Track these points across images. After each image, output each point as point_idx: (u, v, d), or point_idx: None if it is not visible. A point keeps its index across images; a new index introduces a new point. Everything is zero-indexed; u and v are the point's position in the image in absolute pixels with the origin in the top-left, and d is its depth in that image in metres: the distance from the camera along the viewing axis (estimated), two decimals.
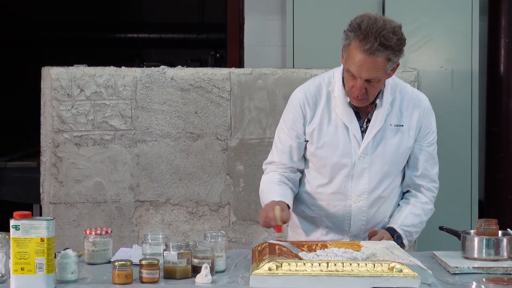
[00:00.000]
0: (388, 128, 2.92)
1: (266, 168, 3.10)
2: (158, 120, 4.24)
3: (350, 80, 2.79)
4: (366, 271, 2.30)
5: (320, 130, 2.93)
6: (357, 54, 2.70)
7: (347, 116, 2.90)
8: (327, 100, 2.94)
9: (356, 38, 2.70)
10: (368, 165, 2.92)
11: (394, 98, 2.94)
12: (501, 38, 5.09)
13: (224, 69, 4.34)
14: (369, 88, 2.77)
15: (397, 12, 4.90)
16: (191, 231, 4.26)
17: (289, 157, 2.99)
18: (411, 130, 2.95)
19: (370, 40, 2.66)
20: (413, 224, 2.99)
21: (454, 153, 4.81)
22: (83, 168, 4.22)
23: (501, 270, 2.59)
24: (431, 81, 4.86)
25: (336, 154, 2.91)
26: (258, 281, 2.31)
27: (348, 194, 2.95)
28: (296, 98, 2.98)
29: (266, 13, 5.46)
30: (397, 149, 2.94)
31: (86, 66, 4.28)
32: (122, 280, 2.39)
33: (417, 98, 3.00)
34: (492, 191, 5.15)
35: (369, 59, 2.69)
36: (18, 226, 2.29)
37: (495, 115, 5.13)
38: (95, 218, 4.22)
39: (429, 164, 3.02)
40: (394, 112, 2.93)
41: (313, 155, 2.97)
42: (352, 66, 2.74)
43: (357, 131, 2.91)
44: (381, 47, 2.68)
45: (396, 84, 2.98)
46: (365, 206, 2.95)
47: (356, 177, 2.93)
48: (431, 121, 3.01)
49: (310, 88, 2.98)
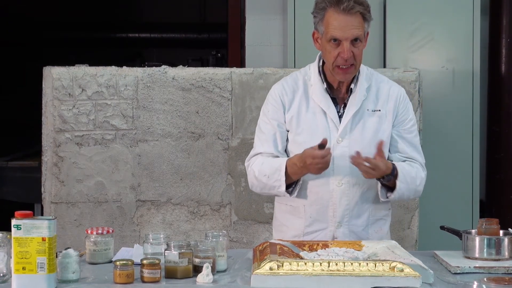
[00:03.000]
0: (365, 113, 2.99)
1: (249, 163, 3.07)
2: (159, 120, 4.24)
3: (334, 50, 2.88)
4: (367, 271, 2.30)
5: (299, 117, 2.99)
6: (336, 17, 2.86)
7: (325, 102, 2.98)
8: (304, 89, 3.03)
9: (330, 6, 2.87)
10: (347, 148, 2.95)
11: (370, 86, 3.02)
12: (502, 38, 5.09)
13: (225, 68, 4.34)
14: (355, 51, 2.88)
15: (398, 12, 4.91)
16: (192, 230, 4.26)
17: (274, 146, 3.02)
18: (388, 115, 3.01)
19: (344, 1, 2.84)
20: (409, 172, 2.96)
21: (455, 153, 4.81)
22: (84, 168, 4.22)
23: (502, 269, 2.59)
24: (432, 81, 4.86)
25: (316, 139, 2.91)
26: (259, 281, 2.31)
27: (330, 178, 2.96)
28: (275, 89, 3.08)
29: (267, 13, 5.46)
30: (375, 132, 2.98)
31: (88, 66, 4.29)
32: (123, 280, 2.39)
33: (392, 86, 3.08)
34: (493, 190, 5.15)
35: (349, 17, 2.84)
36: (20, 226, 2.29)
37: (496, 115, 5.13)
38: (97, 218, 4.23)
39: (411, 150, 3.04)
40: (370, 98, 3.01)
41: (293, 142, 3.00)
42: (334, 31, 2.86)
43: (335, 115, 2.97)
44: (356, 4, 2.84)
45: (372, 73, 3.07)
46: (347, 189, 2.95)
47: (337, 161, 2.95)
48: (408, 108, 3.07)
49: (287, 79, 3.09)
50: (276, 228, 3.16)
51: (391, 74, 4.27)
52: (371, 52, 4.91)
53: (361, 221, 2.99)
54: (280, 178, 2.91)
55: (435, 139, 4.74)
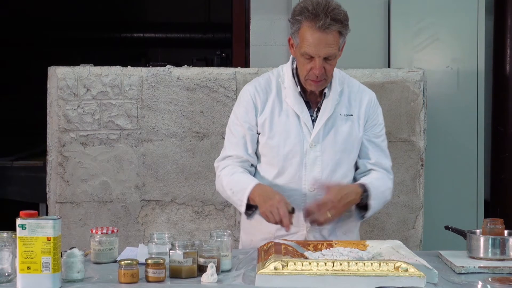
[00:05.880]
0: (338, 117, 2.98)
1: (219, 166, 3.05)
2: (164, 120, 4.25)
3: (307, 64, 2.85)
4: (372, 271, 2.30)
5: (272, 120, 2.97)
6: (311, 34, 2.79)
7: (298, 105, 2.95)
8: (277, 91, 3.00)
9: (306, 20, 2.79)
10: (320, 153, 2.94)
11: (343, 90, 3.01)
12: (507, 37, 5.08)
13: (230, 68, 4.34)
14: (327, 67, 2.84)
15: (403, 12, 4.90)
16: (197, 230, 4.26)
17: (244, 149, 3.00)
18: (360, 120, 3.01)
19: (321, 18, 2.76)
20: (379, 188, 2.96)
21: (459, 153, 4.80)
22: (89, 168, 4.23)
23: (507, 269, 2.58)
24: (437, 80, 4.85)
25: (288, 143, 2.93)
26: (264, 281, 2.31)
27: (302, 183, 2.96)
28: (246, 91, 3.03)
29: (271, 13, 5.47)
30: (347, 137, 2.98)
31: (92, 65, 4.29)
32: (128, 279, 2.39)
33: (364, 91, 3.08)
34: (498, 190, 5.14)
35: (324, 36, 2.78)
36: (25, 225, 2.30)
37: (501, 115, 5.12)
38: (101, 217, 4.23)
39: (379, 155, 3.04)
40: (343, 102, 3.00)
41: (265, 145, 2.98)
42: (308, 48, 2.81)
43: (308, 119, 2.95)
44: (333, 21, 2.77)
45: (344, 77, 3.05)
46: (320, 194, 2.92)
47: (309, 166, 2.95)
48: (377, 114, 3.07)
49: (260, 81, 3.05)
50: (244, 230, 3.13)
51: (395, 74, 4.27)
52: (375, 52, 4.91)
53: (330, 225, 2.97)
54: (243, 199, 2.90)
55: (439, 139, 4.74)
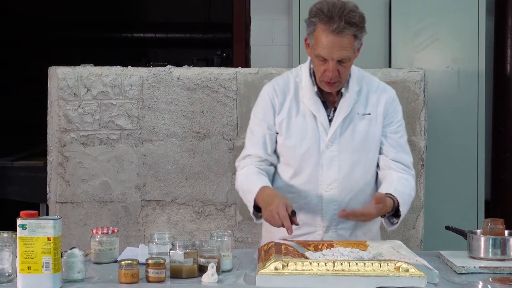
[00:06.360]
0: (355, 117, 2.97)
1: (239, 165, 3.12)
2: (164, 120, 4.24)
3: (321, 66, 2.85)
4: (372, 271, 2.30)
5: (289, 120, 2.98)
6: (325, 36, 2.78)
7: (315, 106, 2.96)
8: (295, 91, 3.01)
9: (321, 22, 2.78)
10: (336, 153, 2.95)
11: (361, 88, 3.00)
12: (508, 37, 5.08)
13: (231, 68, 4.34)
14: (341, 69, 2.83)
15: (403, 12, 4.90)
16: (197, 230, 4.26)
17: (263, 149, 3.03)
18: (378, 118, 3.00)
19: (335, 20, 2.75)
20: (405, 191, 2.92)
21: (460, 153, 4.80)
22: (89, 168, 4.23)
23: (507, 270, 2.58)
24: (437, 80, 4.85)
25: (305, 143, 2.94)
26: (265, 281, 2.31)
27: (319, 183, 2.96)
28: (265, 91, 3.06)
29: (272, 13, 5.46)
30: (365, 136, 2.97)
31: (93, 65, 4.29)
32: (128, 280, 2.39)
33: (384, 88, 3.06)
34: (499, 190, 5.14)
35: (338, 39, 2.77)
36: (25, 226, 2.30)
37: (501, 115, 5.12)
38: (102, 218, 4.23)
39: (398, 151, 3.01)
40: (361, 101, 2.99)
41: (282, 146, 3.00)
42: (322, 50, 2.80)
43: (325, 119, 2.95)
44: (347, 25, 2.76)
45: (363, 75, 3.04)
46: (336, 194, 2.95)
47: (326, 166, 2.95)
48: (397, 110, 3.05)
49: (278, 81, 3.06)
50: (265, 228, 3.15)
51: (396, 74, 4.27)
52: (376, 52, 4.91)
53: (348, 225, 2.98)
54: (251, 200, 2.93)
55: (440, 139, 4.74)
